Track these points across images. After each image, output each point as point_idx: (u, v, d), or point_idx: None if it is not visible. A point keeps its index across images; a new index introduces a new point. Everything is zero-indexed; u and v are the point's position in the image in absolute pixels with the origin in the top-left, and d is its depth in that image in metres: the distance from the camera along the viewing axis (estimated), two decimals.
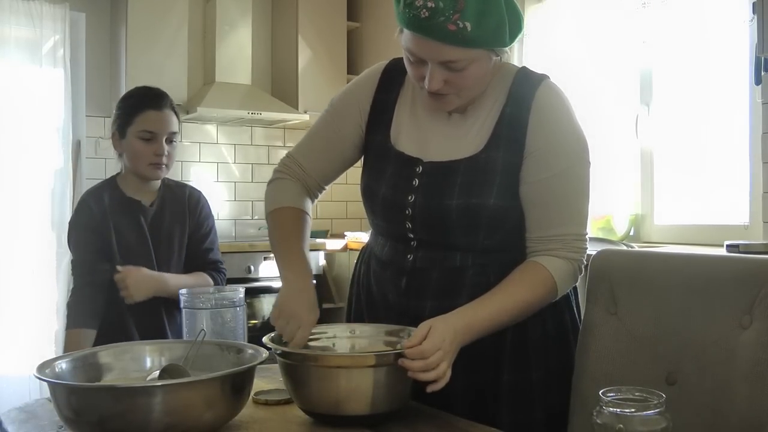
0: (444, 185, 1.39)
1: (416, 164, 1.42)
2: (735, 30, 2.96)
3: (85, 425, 1.13)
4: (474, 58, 1.29)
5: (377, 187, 1.46)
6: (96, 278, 2.00)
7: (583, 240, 1.42)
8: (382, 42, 4.56)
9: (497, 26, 1.26)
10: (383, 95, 1.49)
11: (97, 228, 2.03)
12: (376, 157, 1.48)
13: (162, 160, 2.03)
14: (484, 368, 1.44)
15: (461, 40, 1.24)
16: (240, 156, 4.70)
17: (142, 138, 2.01)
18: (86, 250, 2.04)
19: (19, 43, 3.86)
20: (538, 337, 1.46)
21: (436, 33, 1.23)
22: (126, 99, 2.10)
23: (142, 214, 2.06)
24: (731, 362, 1.25)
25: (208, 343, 1.42)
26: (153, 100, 2.05)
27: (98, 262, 2.01)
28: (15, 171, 3.86)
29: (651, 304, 1.41)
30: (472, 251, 1.42)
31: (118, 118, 2.06)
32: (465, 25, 1.22)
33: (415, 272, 1.44)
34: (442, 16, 1.21)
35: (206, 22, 4.50)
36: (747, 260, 1.31)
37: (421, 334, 1.24)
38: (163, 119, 2.03)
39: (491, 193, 1.37)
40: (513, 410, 1.44)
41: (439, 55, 1.27)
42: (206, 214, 2.17)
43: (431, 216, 1.40)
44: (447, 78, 1.31)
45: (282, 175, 1.57)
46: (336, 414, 1.24)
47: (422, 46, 1.28)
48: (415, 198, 1.41)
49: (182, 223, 2.11)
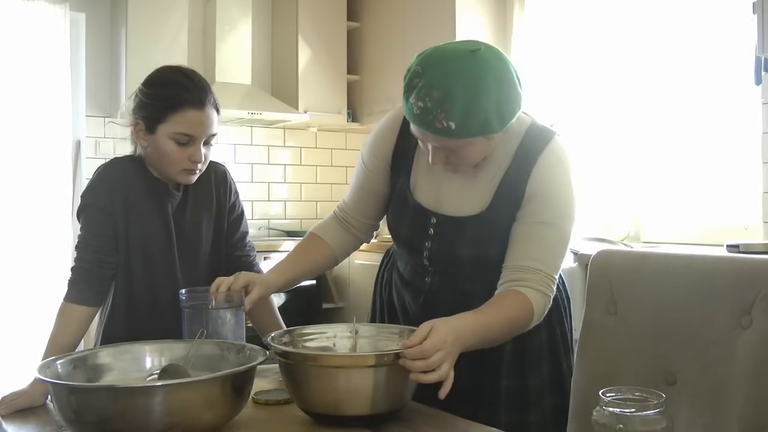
0: (456, 238, 1.53)
1: (431, 216, 1.55)
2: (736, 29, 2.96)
3: (85, 425, 1.13)
4: (466, 144, 1.39)
5: (399, 228, 1.62)
6: (103, 272, 1.67)
7: (553, 282, 1.47)
8: (382, 42, 4.56)
9: (482, 123, 1.35)
10: (403, 141, 1.60)
11: (113, 211, 1.68)
12: (398, 198, 1.61)
13: (197, 167, 1.68)
14: (484, 373, 1.51)
15: (448, 134, 1.35)
16: (240, 156, 4.71)
17: (178, 141, 1.64)
18: (96, 233, 1.67)
19: (19, 44, 3.85)
20: (534, 347, 1.56)
21: (427, 127, 1.36)
22: (158, 85, 1.68)
23: (168, 200, 1.73)
24: (731, 362, 1.25)
25: (208, 343, 1.42)
26: (194, 94, 1.65)
27: (106, 252, 1.67)
28: (15, 171, 3.86)
29: (651, 304, 1.41)
30: (480, 281, 1.54)
31: (146, 108, 1.66)
32: (449, 125, 1.33)
33: (431, 293, 1.59)
34: (430, 114, 1.33)
35: (206, 22, 4.51)
36: (747, 260, 1.31)
37: (422, 333, 1.24)
38: (205, 120, 1.66)
39: (497, 245, 1.50)
40: (509, 412, 1.53)
41: (434, 141, 1.41)
42: (236, 191, 1.86)
43: (445, 260, 1.56)
44: (446, 156, 1.43)
45: (330, 215, 1.77)
46: (336, 414, 1.24)
47: (420, 134, 1.42)
48: (431, 244, 1.56)
49: (209, 212, 1.79)
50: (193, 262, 1.76)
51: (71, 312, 1.62)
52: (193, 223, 1.76)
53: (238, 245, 1.83)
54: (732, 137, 3.03)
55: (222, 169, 1.85)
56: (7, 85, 3.84)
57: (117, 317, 1.71)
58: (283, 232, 4.75)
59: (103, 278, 1.67)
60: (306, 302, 4.12)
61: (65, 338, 1.58)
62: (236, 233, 1.83)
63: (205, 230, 1.78)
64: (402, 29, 4.36)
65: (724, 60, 3.05)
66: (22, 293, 3.79)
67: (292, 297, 4.07)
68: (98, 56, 4.25)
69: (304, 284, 4.14)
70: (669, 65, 3.27)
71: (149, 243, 1.71)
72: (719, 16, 3.07)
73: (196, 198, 1.77)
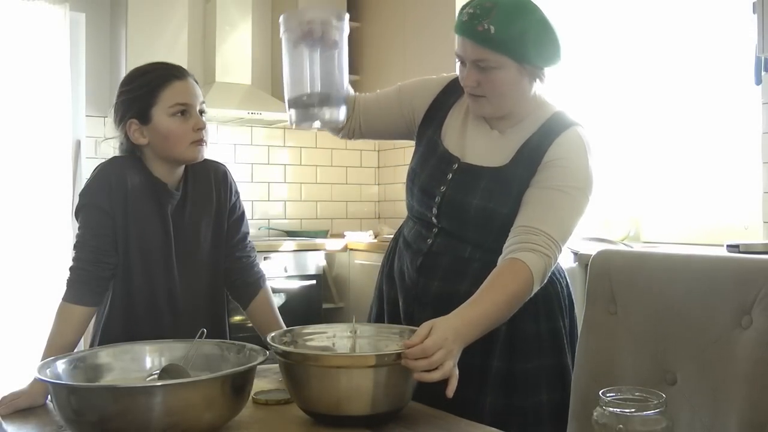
0: (470, 185, 1.58)
1: (454, 162, 1.62)
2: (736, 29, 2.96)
3: (85, 425, 1.13)
4: (500, 64, 1.49)
5: (420, 172, 1.67)
6: (101, 272, 1.65)
7: (555, 245, 1.47)
8: (382, 42, 4.56)
9: (519, 35, 1.47)
10: (444, 97, 1.71)
11: (112, 210, 1.67)
12: (426, 147, 1.69)
13: (203, 135, 1.69)
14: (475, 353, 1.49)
15: (485, 40, 1.47)
16: (240, 156, 4.71)
17: (176, 113, 1.66)
18: (95, 233, 1.66)
19: (19, 44, 3.85)
20: (529, 335, 1.57)
21: (468, 33, 1.49)
22: (137, 77, 1.72)
23: (168, 199, 1.72)
24: (731, 362, 1.25)
25: (208, 343, 1.42)
26: (173, 70, 1.72)
27: (105, 252, 1.66)
28: (15, 171, 3.86)
29: (651, 304, 1.41)
30: (481, 248, 1.58)
31: (134, 102, 1.69)
32: (489, 27, 1.46)
33: (430, 254, 1.62)
34: (476, 20, 1.47)
35: (206, 22, 4.51)
36: (747, 260, 1.31)
37: (423, 333, 1.25)
38: (193, 88, 1.71)
39: (507, 203, 1.54)
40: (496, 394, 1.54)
41: (470, 53, 1.50)
42: (236, 191, 1.86)
43: (453, 208, 1.60)
44: (479, 79, 1.52)
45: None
46: (336, 414, 1.24)
47: (460, 44, 1.53)
48: (445, 189, 1.61)
49: (209, 212, 1.78)
50: (191, 262, 1.75)
51: (70, 312, 1.62)
52: (192, 223, 1.75)
53: (239, 246, 1.83)
54: (732, 137, 3.03)
55: (222, 169, 1.84)
56: (7, 85, 3.83)
57: (115, 316, 1.71)
58: (283, 232, 4.75)
59: (101, 278, 1.66)
60: (306, 302, 4.12)
61: (64, 338, 1.58)
62: (237, 234, 1.83)
63: (204, 230, 1.77)
64: (402, 29, 4.36)
65: (724, 60, 3.05)
66: (22, 293, 3.79)
67: (292, 297, 4.07)
68: (98, 56, 4.25)
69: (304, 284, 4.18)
70: (669, 65, 3.27)
71: (147, 242, 1.70)
72: (719, 16, 3.07)
73: (196, 198, 1.76)
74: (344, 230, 4.65)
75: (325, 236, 4.56)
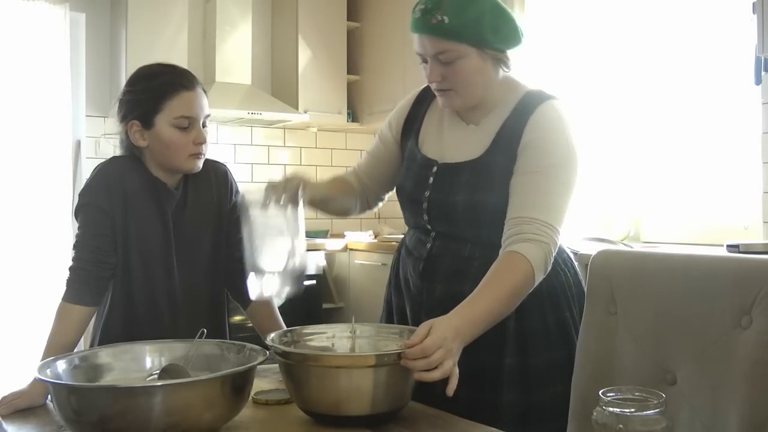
0: (452, 183, 1.58)
1: (433, 165, 1.63)
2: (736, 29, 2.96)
3: (85, 425, 1.13)
4: (461, 53, 1.49)
5: (404, 183, 1.69)
6: (101, 272, 1.65)
7: (551, 229, 1.47)
8: (382, 42, 4.56)
9: (474, 21, 1.47)
10: (415, 108, 1.73)
11: (112, 210, 1.66)
12: (407, 159, 1.70)
13: (202, 149, 1.69)
14: (486, 353, 1.50)
15: (441, 31, 1.47)
16: (240, 156, 4.71)
17: (179, 126, 1.66)
18: (94, 233, 1.66)
19: (19, 43, 3.85)
20: (537, 328, 1.56)
21: (423, 28, 1.49)
22: (145, 80, 1.70)
23: (168, 200, 1.72)
24: (731, 362, 1.25)
25: (208, 343, 1.42)
26: (182, 78, 1.69)
27: (104, 252, 1.65)
28: (15, 171, 3.86)
29: (651, 304, 1.41)
30: (479, 244, 1.57)
31: (138, 105, 1.67)
32: (443, 18, 1.45)
33: (431, 258, 1.62)
34: (429, 14, 1.47)
35: (206, 22, 4.51)
36: (747, 260, 1.31)
37: (422, 333, 1.25)
38: (200, 101, 1.69)
39: (491, 192, 1.53)
40: (512, 391, 1.52)
41: (430, 48, 1.50)
42: (237, 191, 1.86)
43: (441, 210, 1.60)
44: (443, 72, 1.52)
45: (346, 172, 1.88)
46: (336, 414, 1.24)
47: (418, 42, 1.53)
48: (429, 193, 1.61)
49: (209, 212, 1.78)
50: (191, 262, 1.75)
51: (70, 312, 1.62)
52: (192, 223, 1.75)
53: (239, 246, 1.83)
54: (732, 137, 3.03)
55: (223, 169, 1.84)
56: (7, 85, 3.84)
57: (114, 316, 1.71)
58: None
59: (101, 279, 1.66)
60: (306, 302, 4.12)
61: (64, 338, 1.58)
62: (237, 234, 1.82)
63: (205, 230, 1.77)
64: (402, 29, 4.35)
65: (724, 60, 3.05)
66: (22, 293, 3.79)
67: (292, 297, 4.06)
68: (98, 56, 4.25)
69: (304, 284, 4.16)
70: (669, 65, 3.27)
71: (147, 242, 1.70)
72: (719, 16, 3.07)
73: (196, 198, 1.76)
74: (344, 230, 4.65)
75: (325, 236, 4.56)
